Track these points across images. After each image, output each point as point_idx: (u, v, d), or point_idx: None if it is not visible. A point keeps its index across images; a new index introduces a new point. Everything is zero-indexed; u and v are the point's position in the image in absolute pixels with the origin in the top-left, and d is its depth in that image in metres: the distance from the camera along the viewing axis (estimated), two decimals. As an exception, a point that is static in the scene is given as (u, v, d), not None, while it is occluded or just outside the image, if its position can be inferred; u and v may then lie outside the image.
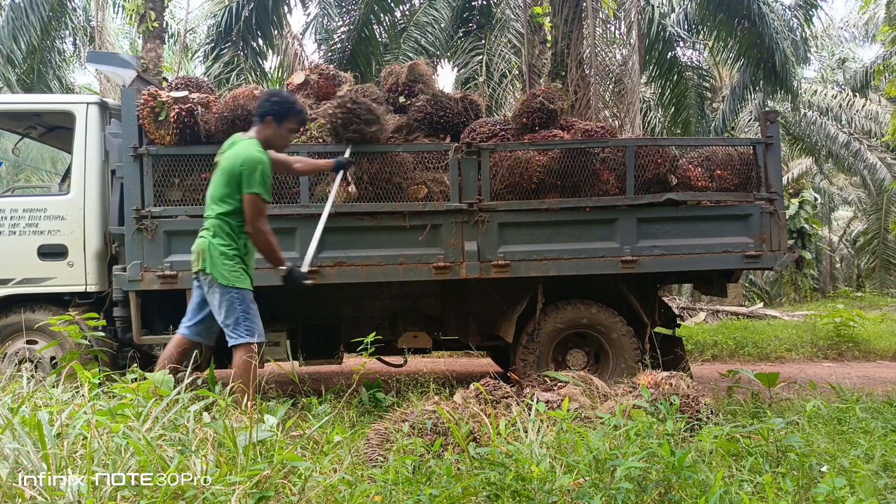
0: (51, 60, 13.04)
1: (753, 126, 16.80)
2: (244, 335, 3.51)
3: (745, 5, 9.89)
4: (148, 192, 4.36)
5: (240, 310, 3.54)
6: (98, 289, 4.69)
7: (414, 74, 4.90)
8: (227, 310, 3.54)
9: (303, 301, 4.93)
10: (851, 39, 21.92)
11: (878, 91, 17.74)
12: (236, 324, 3.53)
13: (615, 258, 4.57)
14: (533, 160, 4.53)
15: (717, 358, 8.09)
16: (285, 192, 4.46)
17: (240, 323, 3.53)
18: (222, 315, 3.55)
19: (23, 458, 2.16)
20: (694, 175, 4.71)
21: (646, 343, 4.81)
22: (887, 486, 2.45)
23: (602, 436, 2.66)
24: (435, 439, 2.71)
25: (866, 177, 18.16)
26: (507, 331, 4.84)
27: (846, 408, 3.59)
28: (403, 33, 11.46)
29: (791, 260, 4.72)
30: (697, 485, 2.30)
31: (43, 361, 4.60)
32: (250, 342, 3.51)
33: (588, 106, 7.25)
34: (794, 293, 17.51)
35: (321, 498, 2.18)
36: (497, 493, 2.25)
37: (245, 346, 3.49)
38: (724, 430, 2.80)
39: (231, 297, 3.54)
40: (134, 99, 4.37)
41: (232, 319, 3.53)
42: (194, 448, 2.33)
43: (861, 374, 6.58)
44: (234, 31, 9.90)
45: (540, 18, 9.13)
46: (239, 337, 3.51)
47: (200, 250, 3.58)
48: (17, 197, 5.10)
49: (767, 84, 11.37)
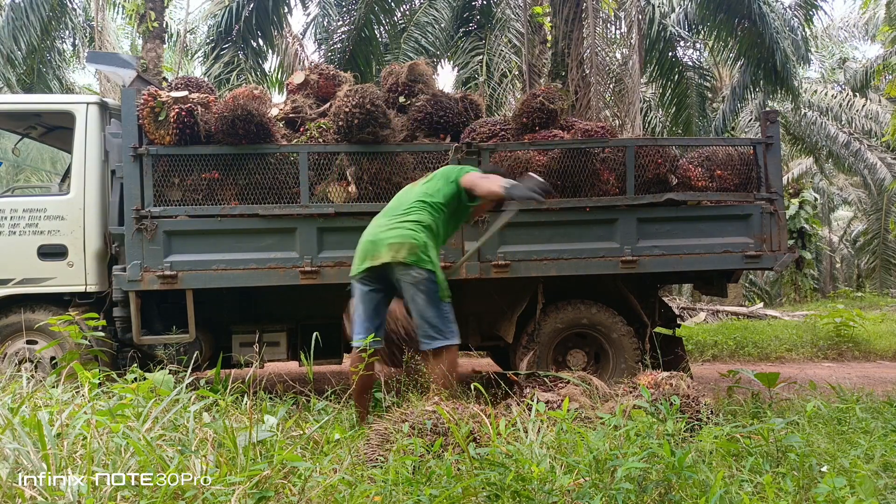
0: (51, 60, 13.05)
1: (754, 126, 16.80)
2: (452, 336, 3.51)
3: (746, 5, 9.89)
4: (148, 192, 4.36)
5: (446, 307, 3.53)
6: (98, 289, 4.69)
7: (414, 74, 4.90)
8: (432, 307, 3.48)
9: (303, 301, 4.94)
10: (851, 39, 21.93)
11: (878, 91, 17.74)
12: (442, 320, 3.48)
13: (615, 258, 4.57)
14: (533, 160, 4.53)
15: (718, 358, 8.09)
16: (285, 192, 4.46)
17: (443, 319, 3.49)
18: (430, 313, 3.47)
19: (23, 458, 2.16)
20: (694, 175, 4.71)
21: (646, 343, 4.81)
22: (887, 486, 2.44)
23: (602, 436, 2.66)
24: (435, 439, 2.71)
25: (866, 177, 18.17)
26: (507, 331, 4.84)
27: (846, 408, 3.58)
28: (403, 33, 11.46)
29: (791, 260, 4.72)
30: (698, 485, 2.30)
31: (43, 361, 4.60)
32: (455, 343, 3.53)
33: (588, 106, 7.25)
34: (794, 293, 17.51)
35: (321, 498, 2.18)
36: (497, 494, 2.25)
37: (453, 348, 3.52)
38: (724, 431, 2.80)
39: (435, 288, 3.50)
40: (134, 99, 4.37)
41: (438, 317, 3.48)
42: (194, 448, 2.33)
43: (861, 374, 6.58)
44: (234, 32, 9.91)
45: (540, 18, 9.12)
46: (441, 338, 3.48)
47: (404, 243, 3.45)
48: (17, 197, 5.10)
49: (768, 84, 11.37)
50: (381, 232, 3.54)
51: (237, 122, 4.26)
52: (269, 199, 4.43)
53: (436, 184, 3.69)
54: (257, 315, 5.10)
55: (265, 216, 4.39)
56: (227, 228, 4.40)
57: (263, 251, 4.43)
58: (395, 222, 3.55)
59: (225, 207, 4.39)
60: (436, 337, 3.48)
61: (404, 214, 3.58)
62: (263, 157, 4.44)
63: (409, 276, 3.46)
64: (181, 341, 4.52)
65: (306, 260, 4.41)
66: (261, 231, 4.42)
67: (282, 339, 4.82)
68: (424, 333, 3.50)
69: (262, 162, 4.44)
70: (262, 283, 4.44)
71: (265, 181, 4.43)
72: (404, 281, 3.49)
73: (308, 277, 4.40)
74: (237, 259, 4.41)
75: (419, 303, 3.48)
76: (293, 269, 4.42)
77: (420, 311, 3.49)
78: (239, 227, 4.40)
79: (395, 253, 3.44)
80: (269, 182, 4.44)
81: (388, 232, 3.51)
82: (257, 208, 4.38)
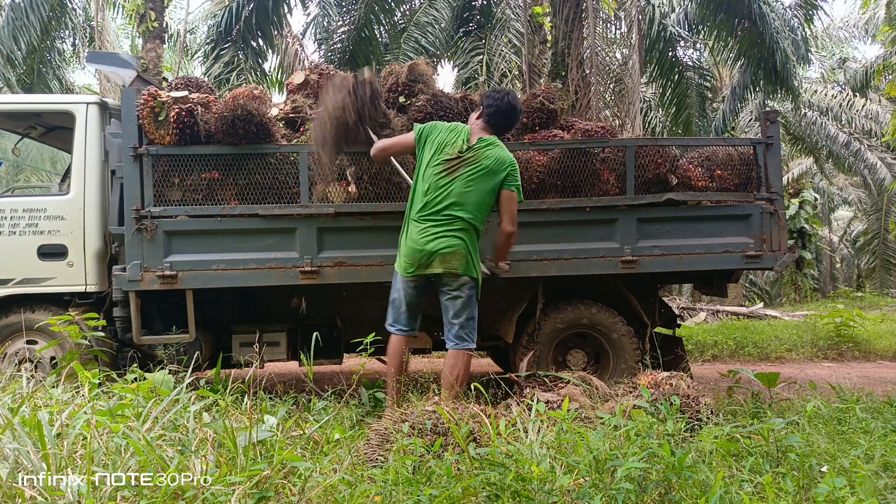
0: (51, 60, 13.05)
1: (754, 126, 16.81)
2: (472, 342, 3.78)
3: (746, 5, 9.89)
4: (148, 192, 4.36)
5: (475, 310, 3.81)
6: (98, 289, 4.69)
7: (414, 74, 4.90)
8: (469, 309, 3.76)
9: (303, 301, 4.93)
10: (851, 39, 21.93)
11: (878, 91, 17.74)
12: (472, 324, 3.77)
13: (615, 258, 4.57)
14: (533, 160, 4.53)
15: (718, 358, 8.09)
16: (285, 192, 4.46)
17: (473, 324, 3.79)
18: (464, 317, 3.75)
19: (23, 458, 2.16)
20: (694, 175, 4.71)
21: (646, 343, 4.80)
22: (887, 486, 2.44)
23: (602, 436, 2.66)
24: (435, 439, 2.71)
25: (866, 176, 18.17)
26: (507, 331, 4.84)
27: (846, 408, 3.59)
28: (403, 33, 11.46)
29: (791, 260, 4.72)
30: (698, 485, 2.30)
31: (43, 361, 4.60)
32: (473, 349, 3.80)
33: (588, 106, 7.25)
34: (794, 293, 17.51)
35: (321, 498, 2.18)
36: (497, 494, 2.25)
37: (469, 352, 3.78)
38: (724, 431, 2.80)
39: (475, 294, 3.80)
40: (134, 99, 4.37)
41: (469, 320, 3.76)
42: (194, 448, 2.33)
43: (861, 374, 6.58)
44: (234, 32, 9.91)
45: (540, 18, 9.11)
46: (470, 341, 3.76)
47: (455, 252, 3.68)
48: (17, 197, 5.10)
49: (768, 84, 11.37)
50: (431, 240, 3.70)
51: (237, 122, 4.26)
52: (269, 199, 4.43)
53: (485, 185, 3.76)
54: (257, 315, 5.10)
55: (265, 216, 4.39)
56: (227, 228, 4.39)
57: (263, 251, 4.43)
58: (445, 230, 3.70)
59: (225, 207, 4.38)
60: (464, 338, 3.77)
61: (451, 220, 3.72)
62: (263, 157, 4.44)
63: (457, 282, 3.74)
64: (181, 341, 4.51)
65: (306, 260, 4.41)
66: (261, 231, 4.42)
67: (282, 339, 4.82)
68: (454, 333, 3.78)
69: (262, 162, 4.44)
70: (262, 283, 4.44)
71: (265, 181, 4.43)
72: (450, 285, 3.76)
73: (308, 277, 4.40)
74: (237, 259, 4.41)
75: (458, 305, 3.76)
76: (293, 269, 4.42)
77: (456, 311, 3.76)
78: (239, 227, 4.40)
79: (448, 264, 3.69)
80: (269, 182, 4.44)
81: (440, 241, 3.69)
82: (257, 208, 4.38)
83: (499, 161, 3.75)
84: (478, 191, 3.72)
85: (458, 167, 3.73)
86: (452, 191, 3.71)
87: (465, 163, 3.73)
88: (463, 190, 3.70)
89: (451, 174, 3.73)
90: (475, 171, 3.72)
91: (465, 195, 3.70)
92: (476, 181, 3.72)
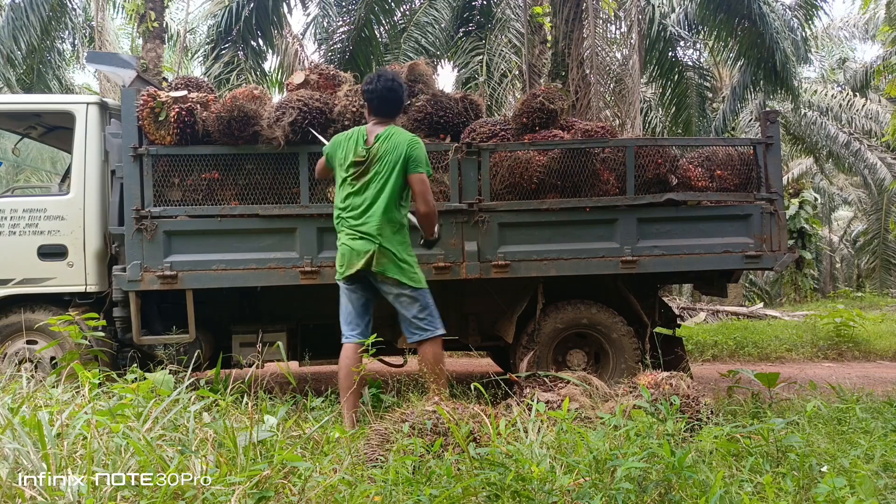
0: (51, 60, 13.05)
1: (754, 126, 16.81)
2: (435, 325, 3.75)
3: (746, 5, 9.89)
4: (148, 192, 4.36)
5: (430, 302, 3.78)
6: (98, 289, 4.69)
7: (414, 74, 4.90)
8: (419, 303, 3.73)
9: (303, 301, 4.93)
10: (851, 39, 21.93)
11: (878, 91, 17.75)
12: (427, 312, 3.74)
13: (615, 258, 4.57)
14: (533, 160, 4.53)
15: (718, 358, 8.09)
16: (285, 192, 4.46)
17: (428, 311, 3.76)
18: (415, 310, 3.72)
19: (23, 458, 2.16)
20: (694, 175, 4.71)
21: (646, 343, 4.80)
22: (887, 486, 2.45)
23: (602, 436, 2.66)
24: (435, 439, 2.71)
25: (866, 176, 18.17)
26: (507, 331, 4.84)
27: (846, 408, 3.59)
28: (403, 33, 11.47)
29: (791, 260, 4.72)
30: (698, 485, 2.30)
31: (43, 361, 4.60)
32: (441, 335, 3.75)
33: (589, 106, 7.25)
34: (794, 293, 17.50)
35: (321, 498, 2.18)
36: (497, 494, 2.25)
37: (438, 340, 3.74)
38: (724, 431, 2.80)
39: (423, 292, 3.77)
40: (134, 99, 4.37)
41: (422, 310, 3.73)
42: (194, 448, 2.33)
43: (861, 374, 6.58)
44: (234, 32, 9.90)
45: (540, 18, 9.13)
46: (432, 329, 3.73)
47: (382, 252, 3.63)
48: (17, 197, 5.10)
49: (768, 84, 11.38)
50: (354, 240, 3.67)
51: (236, 123, 4.26)
52: (269, 199, 4.43)
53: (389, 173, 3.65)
54: (257, 315, 5.10)
55: (265, 216, 4.39)
56: (227, 228, 4.40)
57: (263, 251, 4.43)
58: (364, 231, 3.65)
59: (225, 207, 4.39)
60: (424, 328, 3.73)
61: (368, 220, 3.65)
62: (263, 157, 4.44)
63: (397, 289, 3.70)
64: (181, 341, 4.51)
65: (306, 260, 4.41)
66: (261, 231, 4.42)
67: (282, 339, 4.82)
68: (413, 328, 3.74)
69: (261, 162, 4.44)
70: (262, 283, 4.45)
71: (265, 181, 4.43)
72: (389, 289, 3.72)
73: (308, 277, 4.40)
74: (237, 259, 4.41)
75: (404, 302, 3.73)
76: (293, 269, 4.42)
77: (405, 308, 3.73)
78: (239, 228, 4.40)
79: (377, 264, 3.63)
80: (268, 182, 4.44)
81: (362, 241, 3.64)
82: (257, 208, 4.38)
83: (397, 148, 3.63)
84: (391, 185, 3.64)
85: (365, 171, 3.67)
86: (367, 195, 3.66)
87: (371, 163, 3.66)
88: (376, 190, 3.65)
89: (361, 179, 3.68)
90: (382, 168, 3.65)
91: (378, 193, 3.64)
92: (385, 177, 3.65)
